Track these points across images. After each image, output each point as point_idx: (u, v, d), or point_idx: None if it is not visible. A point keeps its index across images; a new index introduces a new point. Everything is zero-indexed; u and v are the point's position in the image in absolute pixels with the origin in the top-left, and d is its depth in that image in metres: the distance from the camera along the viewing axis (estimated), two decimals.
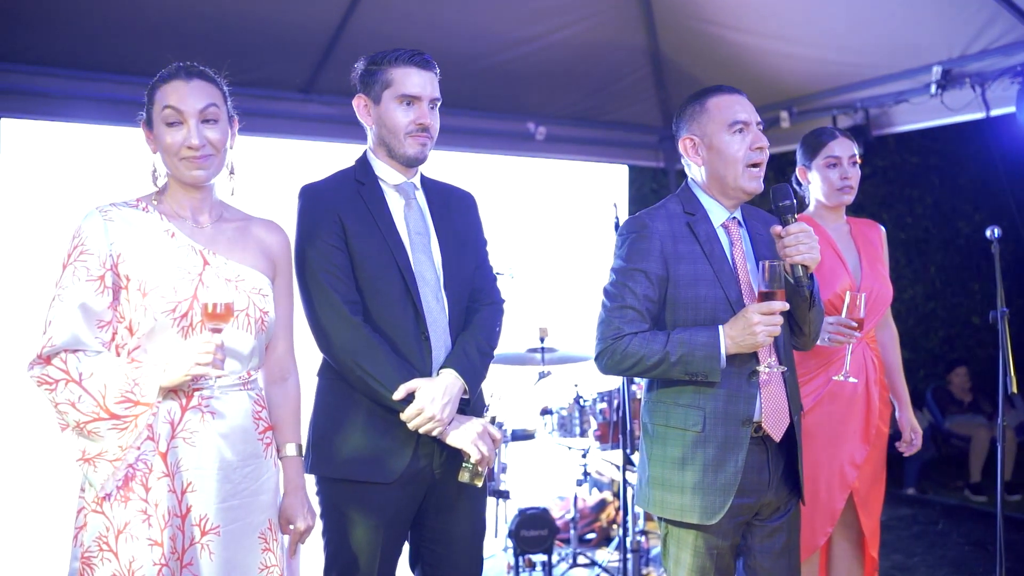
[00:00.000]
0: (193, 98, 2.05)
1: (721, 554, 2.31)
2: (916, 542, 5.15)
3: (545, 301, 5.18)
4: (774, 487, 2.35)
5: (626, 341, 2.25)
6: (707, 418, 2.26)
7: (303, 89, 4.87)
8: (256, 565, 2.10)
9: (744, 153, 2.29)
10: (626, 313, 2.27)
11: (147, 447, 1.96)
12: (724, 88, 2.38)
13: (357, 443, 2.27)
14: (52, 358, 1.94)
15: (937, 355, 7.83)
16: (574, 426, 4.12)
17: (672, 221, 2.33)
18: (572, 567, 4.45)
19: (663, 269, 2.28)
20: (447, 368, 2.29)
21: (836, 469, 2.93)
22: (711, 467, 2.25)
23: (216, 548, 2.02)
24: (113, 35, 4.19)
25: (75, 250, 2.00)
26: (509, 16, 4.77)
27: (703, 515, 2.25)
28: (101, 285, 1.98)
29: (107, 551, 1.94)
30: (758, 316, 2.15)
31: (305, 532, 2.24)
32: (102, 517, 1.96)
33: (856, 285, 2.94)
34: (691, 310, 2.28)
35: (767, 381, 2.29)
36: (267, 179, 4.58)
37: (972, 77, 4.47)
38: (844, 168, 2.99)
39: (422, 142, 2.36)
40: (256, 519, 2.11)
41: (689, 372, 2.23)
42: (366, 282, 2.29)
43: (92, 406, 1.92)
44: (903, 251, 7.75)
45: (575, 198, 5.86)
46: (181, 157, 2.05)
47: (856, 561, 3.09)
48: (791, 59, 4.99)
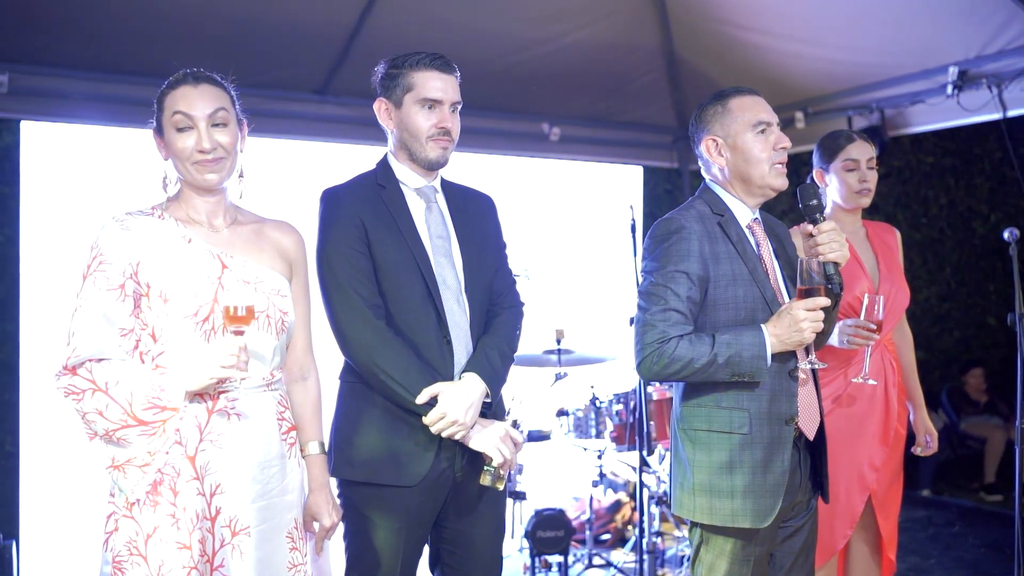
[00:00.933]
0: (202, 102, 2.06)
1: (758, 561, 2.31)
2: (932, 544, 5.14)
3: (561, 302, 5.19)
4: (803, 487, 2.37)
5: (672, 344, 2.20)
6: (752, 419, 2.25)
7: (319, 91, 4.89)
8: (285, 564, 2.12)
9: (768, 153, 2.31)
10: (670, 316, 2.22)
11: (175, 451, 1.98)
12: (743, 89, 2.40)
13: (378, 446, 2.28)
14: (77, 368, 1.96)
15: (952, 356, 7.80)
16: (590, 427, 4.13)
17: (705, 222, 2.33)
18: (588, 568, 4.46)
19: (704, 270, 2.27)
20: (469, 372, 2.30)
21: (855, 471, 2.94)
22: (760, 469, 2.24)
23: (247, 548, 2.04)
24: (131, 38, 4.22)
25: (94, 260, 2.02)
26: (524, 17, 4.78)
27: (755, 519, 2.23)
28: (122, 294, 2.00)
29: (137, 555, 1.96)
30: (804, 312, 2.17)
31: (331, 529, 2.26)
32: (132, 522, 1.98)
33: (874, 288, 2.94)
34: (731, 310, 2.28)
35: (804, 379, 2.31)
36: (283, 180, 4.61)
37: (989, 78, 4.45)
38: (862, 171, 2.99)
39: (443, 145, 2.37)
40: (283, 518, 2.13)
41: (736, 373, 2.21)
42: (388, 286, 2.30)
43: (120, 414, 1.94)
44: (918, 252, 7.72)
45: (589, 199, 5.86)
46: (193, 161, 2.06)
47: (874, 563, 3.09)
48: (806, 59, 4.98)
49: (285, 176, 4.69)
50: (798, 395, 2.30)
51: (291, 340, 2.23)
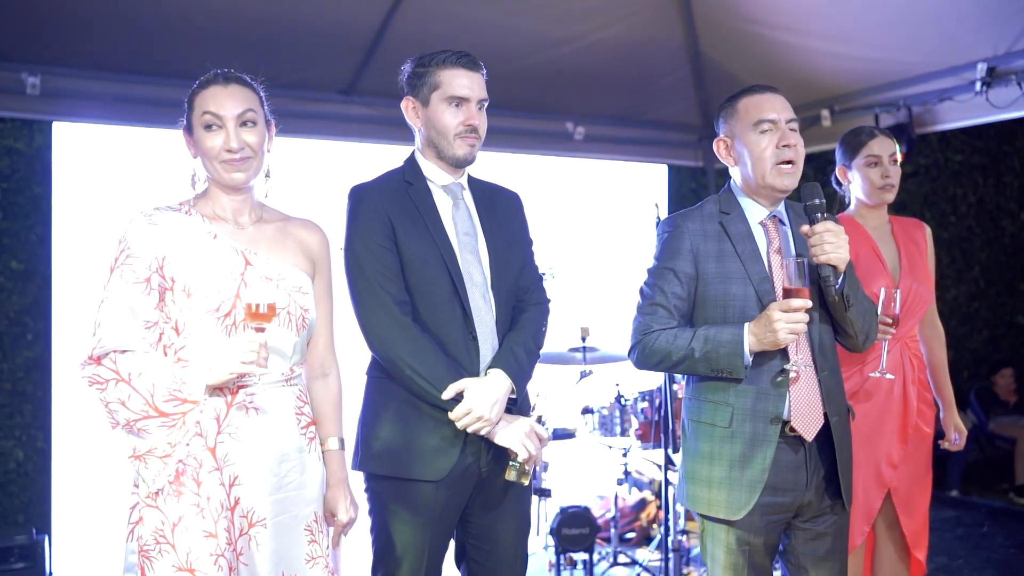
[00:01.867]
0: (231, 102, 2.10)
1: (754, 551, 2.32)
2: (960, 544, 5.10)
3: (586, 300, 5.20)
4: (814, 487, 2.34)
5: (653, 337, 2.31)
6: (734, 414, 2.29)
7: (345, 91, 4.94)
8: (303, 556, 2.15)
9: (771, 152, 2.31)
10: (656, 311, 2.33)
11: (196, 443, 2.01)
12: (757, 88, 2.39)
13: (404, 441, 2.30)
14: (102, 358, 2.00)
15: (981, 356, 7.72)
16: (615, 425, 4.14)
17: (705, 221, 2.38)
18: (613, 566, 4.47)
19: (692, 267, 2.33)
20: (495, 368, 2.32)
21: (872, 468, 2.92)
22: (737, 463, 2.28)
23: (263, 540, 2.07)
24: (160, 40, 4.28)
25: (121, 254, 2.05)
26: (548, 16, 4.79)
27: (729, 510, 2.28)
28: (147, 287, 2.04)
29: (164, 543, 1.99)
30: (778, 314, 2.17)
31: (348, 524, 2.29)
32: (157, 512, 2.01)
33: (894, 283, 2.92)
34: (720, 307, 2.32)
35: (796, 379, 2.29)
36: (310, 179, 4.65)
37: (1018, 74, 4.41)
38: (885, 167, 2.98)
39: (471, 143, 2.39)
40: (302, 511, 2.15)
41: (714, 369, 2.26)
42: (415, 282, 2.32)
43: (141, 404, 1.97)
44: (946, 250, 7.64)
45: (615, 198, 5.87)
46: (221, 160, 2.10)
47: (901, 565, 3.06)
48: (832, 57, 4.95)
49: (312, 175, 4.73)
50: (791, 395, 2.28)
51: (313, 337, 2.26)
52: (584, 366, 4.06)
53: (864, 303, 2.39)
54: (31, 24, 4.05)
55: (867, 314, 2.40)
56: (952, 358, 7.99)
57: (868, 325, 2.41)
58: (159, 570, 1.98)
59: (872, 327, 2.44)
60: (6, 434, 4.50)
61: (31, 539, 4.10)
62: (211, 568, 1.97)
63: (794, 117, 2.36)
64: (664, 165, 6.27)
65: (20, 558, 4.04)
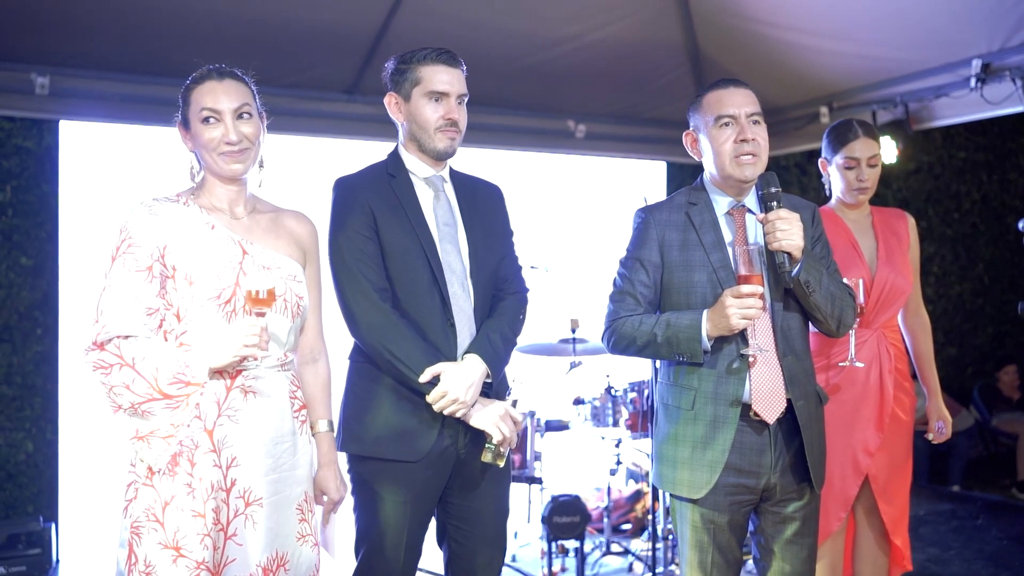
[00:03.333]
0: (227, 97, 2.18)
1: (719, 530, 2.40)
2: (954, 536, 5.13)
3: (578, 293, 5.27)
4: (779, 470, 2.40)
5: (621, 323, 2.44)
6: (697, 397, 2.39)
7: (348, 90, 5.02)
8: (294, 534, 2.23)
9: (730, 146, 2.38)
10: (624, 299, 2.46)
11: (195, 425, 2.09)
12: (722, 82, 2.46)
13: (385, 423, 2.39)
14: (106, 344, 2.07)
15: (985, 352, 7.73)
16: (607, 416, 4.20)
17: (673, 211, 2.47)
18: (605, 555, 4.54)
19: (658, 256, 2.44)
20: (471, 353, 2.40)
21: (849, 456, 2.96)
22: (700, 444, 2.38)
23: (260, 518, 2.15)
24: (166, 41, 4.36)
25: (123, 243, 2.13)
26: (548, 16, 4.85)
27: (690, 489, 2.39)
28: (149, 275, 2.11)
29: (154, 521, 2.07)
30: (730, 300, 2.26)
31: (337, 502, 2.40)
32: (152, 490, 2.09)
33: (871, 275, 2.97)
34: (684, 295, 2.42)
35: (754, 363, 2.36)
36: (313, 176, 4.74)
37: (1013, 70, 4.44)
38: (862, 170, 3.02)
39: (451, 136, 2.47)
40: (294, 491, 2.24)
41: (675, 353, 2.37)
42: (395, 271, 2.41)
43: (146, 388, 2.05)
44: (950, 247, 7.66)
45: (613, 193, 5.93)
46: (220, 152, 2.18)
47: (881, 550, 3.10)
48: (830, 54, 4.99)
49: (315, 172, 4.82)
50: (751, 379, 2.35)
51: (303, 324, 2.35)
52: (574, 357, 4.13)
53: (833, 288, 2.42)
54: (40, 25, 4.15)
55: (836, 299, 2.43)
56: (956, 354, 8.03)
57: (840, 310, 2.44)
58: (146, 546, 2.06)
59: (846, 312, 2.47)
60: (16, 426, 4.61)
61: (39, 527, 4.24)
62: (196, 547, 2.05)
63: (757, 111, 2.42)
64: (663, 162, 6.32)
65: (29, 545, 4.17)
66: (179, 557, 2.05)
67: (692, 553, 2.43)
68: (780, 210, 2.32)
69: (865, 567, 3.12)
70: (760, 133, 2.40)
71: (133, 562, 2.08)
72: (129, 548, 2.09)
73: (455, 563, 2.54)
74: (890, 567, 3.12)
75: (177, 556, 2.05)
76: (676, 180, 6.62)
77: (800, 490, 2.43)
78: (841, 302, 2.45)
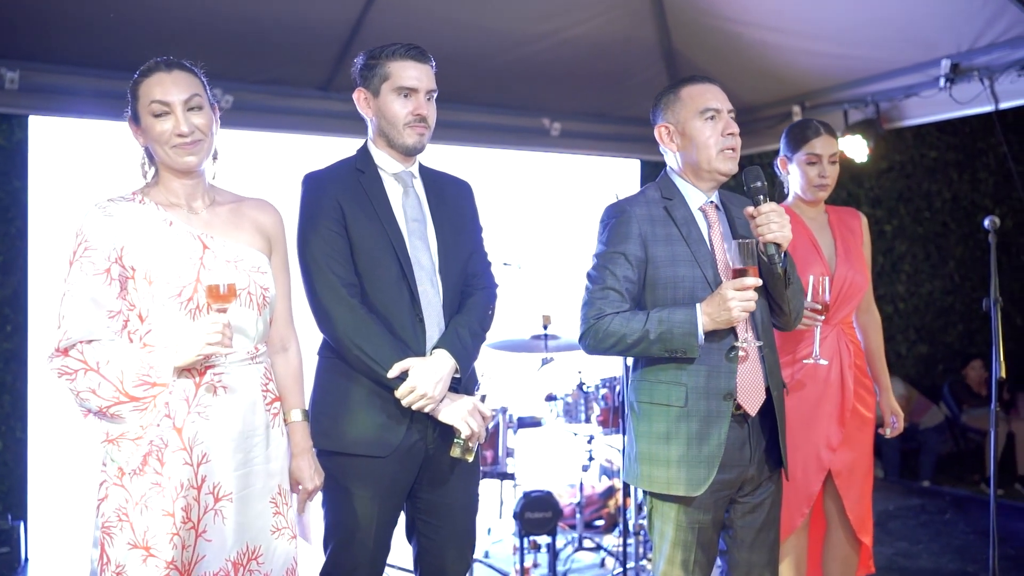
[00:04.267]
0: (177, 88, 2.14)
1: (703, 528, 2.40)
2: (922, 530, 5.20)
3: (550, 290, 5.28)
4: (756, 463, 2.43)
5: (607, 320, 2.35)
6: (689, 393, 2.35)
7: (321, 87, 5.02)
8: (268, 527, 2.22)
9: (716, 139, 2.40)
10: (608, 294, 2.37)
11: (164, 424, 2.07)
12: (697, 78, 2.49)
13: (354, 418, 2.39)
14: (69, 350, 2.05)
15: (956, 349, 7.82)
16: (579, 412, 4.22)
17: (650, 206, 2.45)
18: (577, 550, 4.56)
19: (642, 251, 2.39)
20: (439, 348, 2.40)
21: (812, 452, 2.99)
22: (695, 440, 2.35)
23: (229, 513, 2.14)
24: (137, 36, 4.33)
25: (79, 247, 2.10)
26: (523, 14, 4.86)
27: (688, 487, 2.35)
28: (108, 277, 2.08)
29: (124, 521, 2.06)
30: (732, 292, 2.25)
31: (313, 491, 2.38)
32: (122, 490, 2.07)
33: (830, 272, 3.01)
34: (670, 289, 2.38)
35: (745, 357, 2.38)
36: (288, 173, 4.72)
37: (981, 70, 4.51)
38: (823, 166, 3.05)
39: (420, 132, 2.47)
40: (268, 484, 2.22)
41: (669, 349, 2.32)
42: (364, 266, 2.40)
43: (112, 391, 2.03)
44: (921, 246, 7.74)
45: (587, 191, 5.95)
46: (172, 145, 2.14)
47: (852, 548, 3.12)
48: (803, 54, 5.03)
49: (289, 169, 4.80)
50: (737, 372, 2.37)
51: (272, 313, 2.32)
52: (546, 353, 4.14)
53: (797, 282, 2.49)
54: (10, 20, 4.11)
55: (799, 293, 2.51)
56: (927, 352, 8.10)
57: (799, 304, 2.52)
58: (117, 546, 2.06)
59: (801, 306, 2.54)
60: None
61: (8, 525, 4.21)
62: (165, 546, 2.04)
63: (732, 108, 2.45)
64: (637, 160, 6.35)
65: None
66: (149, 557, 2.04)
67: (675, 552, 2.41)
68: (772, 203, 2.34)
69: (835, 565, 3.14)
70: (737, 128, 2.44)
71: (105, 562, 2.07)
72: (101, 548, 2.09)
73: (424, 558, 2.54)
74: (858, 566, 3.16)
75: (147, 556, 2.04)
76: (650, 178, 6.58)
77: (769, 478, 2.48)
78: (801, 296, 2.54)
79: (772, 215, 2.31)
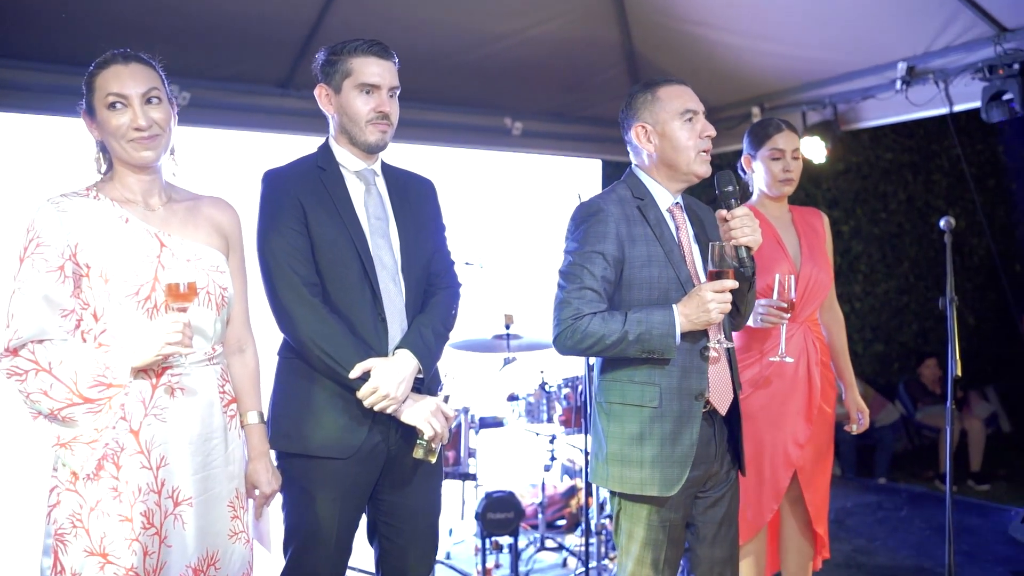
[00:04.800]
0: (134, 81, 2.09)
1: (674, 526, 2.42)
2: (879, 527, 5.27)
3: (513, 290, 5.28)
4: (719, 458, 2.47)
5: (585, 321, 2.32)
6: (663, 394, 2.36)
7: (281, 84, 4.95)
8: (226, 532, 2.19)
9: (695, 141, 2.41)
10: (585, 294, 2.34)
11: (120, 426, 2.02)
12: (672, 79, 2.49)
13: (315, 420, 2.35)
14: (19, 350, 1.98)
15: (911, 348, 7.94)
16: (541, 412, 4.21)
17: (624, 205, 2.44)
18: (539, 550, 4.56)
19: (619, 251, 2.38)
20: (402, 348, 2.37)
21: (780, 448, 3.03)
22: (668, 440, 2.36)
23: (189, 518, 2.10)
24: (92, 31, 4.24)
25: (31, 243, 2.03)
26: (485, 13, 4.84)
27: (663, 487, 2.35)
28: (61, 275, 2.02)
29: (79, 527, 2.01)
30: (711, 294, 2.27)
31: (270, 496, 2.34)
32: (76, 496, 2.02)
33: (796, 270, 3.04)
34: (645, 290, 2.38)
35: (716, 357, 2.41)
36: (246, 171, 4.66)
37: (936, 73, 4.58)
38: (787, 161, 3.10)
39: (382, 129, 2.44)
40: (225, 488, 2.19)
41: (646, 350, 2.31)
42: (325, 265, 2.37)
43: (65, 393, 1.97)
44: (877, 246, 7.86)
45: (548, 191, 5.94)
46: (129, 139, 2.09)
47: (806, 539, 3.18)
48: (762, 55, 5.08)
49: (248, 167, 4.74)
50: (709, 372, 2.40)
51: (230, 314, 2.28)
52: (508, 353, 4.13)
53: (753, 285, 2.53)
54: None
55: (754, 295, 2.56)
56: (883, 351, 8.20)
57: (752, 305, 2.59)
58: (72, 553, 2.00)
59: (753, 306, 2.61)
60: None
61: None
62: (124, 552, 1.99)
63: (704, 110, 2.47)
64: (599, 160, 6.37)
65: None
66: (107, 564, 1.99)
67: (645, 552, 2.41)
68: (744, 207, 2.37)
69: (791, 556, 3.19)
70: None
71: (59, 570, 2.02)
72: (54, 556, 2.03)
73: (386, 560, 2.52)
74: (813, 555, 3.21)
75: (104, 563, 2.00)
76: (612, 179, 6.66)
77: (727, 473, 2.51)
78: (755, 297, 2.59)
79: (745, 219, 2.34)
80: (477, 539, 4.13)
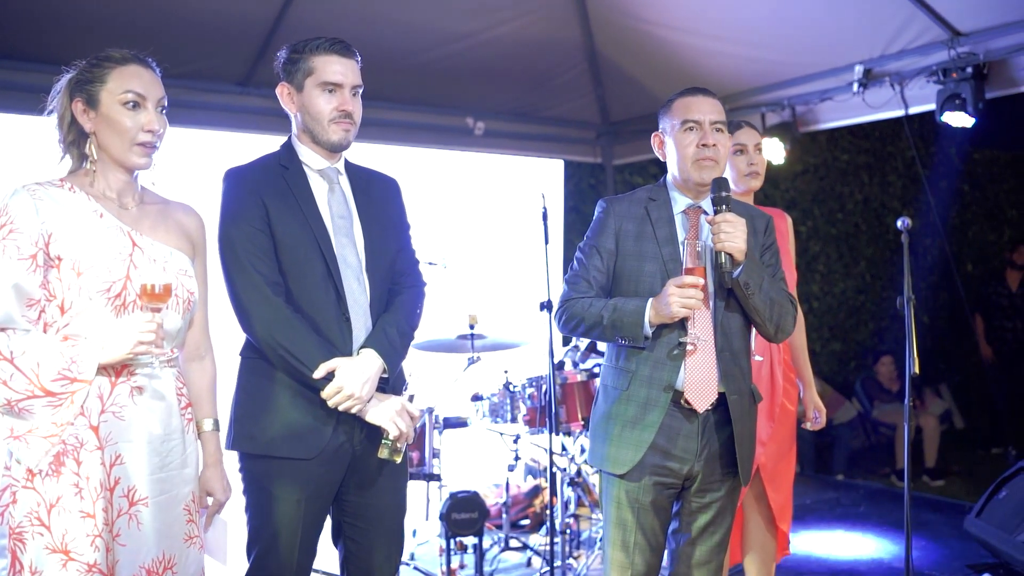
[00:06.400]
0: (154, 86, 2.13)
1: (643, 509, 2.48)
2: (837, 523, 5.35)
3: (477, 290, 5.29)
4: (704, 458, 2.48)
5: (572, 303, 2.54)
6: (633, 380, 2.49)
7: (241, 82, 4.91)
8: (182, 535, 2.17)
9: (692, 150, 2.49)
10: (577, 282, 2.57)
11: (79, 421, 2.00)
12: (692, 90, 2.57)
13: (278, 420, 2.33)
14: None
15: (867, 347, 8.06)
16: (505, 412, 4.21)
17: (633, 204, 2.58)
18: (504, 550, 4.56)
19: (613, 244, 2.55)
20: (367, 348, 2.36)
21: None
22: (628, 423, 2.48)
23: (145, 519, 2.07)
24: (45, 27, 4.18)
25: (3, 228, 1.99)
26: (446, 12, 4.84)
27: (615, 465, 2.49)
28: (33, 264, 1.99)
29: (39, 525, 1.97)
30: (673, 288, 2.35)
31: (224, 503, 2.33)
32: (33, 493, 1.98)
33: None
34: (633, 283, 2.52)
35: (692, 352, 2.45)
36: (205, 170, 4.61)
37: (892, 76, 4.66)
38: (750, 155, 3.16)
39: (345, 128, 2.42)
40: (181, 491, 2.17)
41: (619, 336, 2.46)
42: (289, 264, 2.35)
43: (25, 384, 1.94)
44: (834, 246, 7.98)
45: (511, 191, 5.95)
46: (138, 142, 2.09)
47: (769, 535, 3.22)
48: (721, 56, 5.13)
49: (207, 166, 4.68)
50: (686, 367, 2.45)
51: (191, 319, 2.27)
52: (472, 353, 4.13)
53: (773, 294, 2.49)
54: None
55: (776, 305, 2.49)
56: (840, 349, 8.32)
57: (778, 316, 2.51)
58: (32, 551, 1.96)
59: (785, 319, 2.53)
60: None
61: None
62: (87, 549, 1.96)
63: (720, 120, 2.53)
64: (561, 160, 6.38)
65: None
66: (69, 561, 1.96)
67: (615, 531, 2.52)
68: (726, 213, 2.41)
69: (755, 553, 3.23)
70: (721, 140, 2.51)
71: (17, 570, 1.98)
72: (12, 555, 1.99)
73: (351, 562, 2.50)
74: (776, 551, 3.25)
75: (67, 560, 1.96)
76: (574, 179, 6.69)
77: (722, 481, 2.53)
78: (780, 308, 2.52)
79: (724, 224, 2.38)
80: (441, 539, 4.12)
